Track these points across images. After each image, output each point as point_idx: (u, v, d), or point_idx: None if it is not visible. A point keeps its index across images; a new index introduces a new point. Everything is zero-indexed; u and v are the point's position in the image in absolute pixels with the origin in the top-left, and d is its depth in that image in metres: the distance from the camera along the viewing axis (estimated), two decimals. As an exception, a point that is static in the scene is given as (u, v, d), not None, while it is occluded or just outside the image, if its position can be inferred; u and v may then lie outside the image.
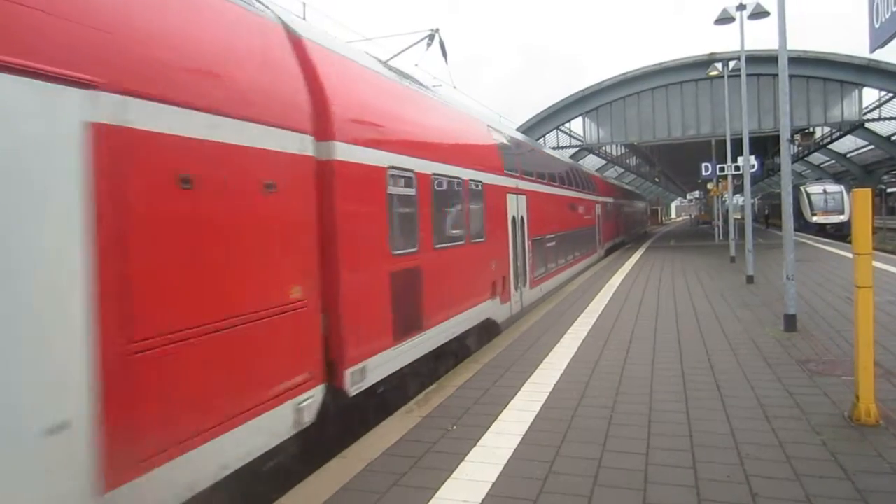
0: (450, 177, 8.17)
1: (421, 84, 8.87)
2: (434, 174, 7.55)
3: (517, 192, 11.63)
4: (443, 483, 4.31)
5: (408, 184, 6.83)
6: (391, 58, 10.58)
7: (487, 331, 9.72)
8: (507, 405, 6.02)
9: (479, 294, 9.18)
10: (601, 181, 28.18)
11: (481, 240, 9.40)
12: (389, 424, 5.64)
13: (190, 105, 3.79)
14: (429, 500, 4.07)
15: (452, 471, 4.51)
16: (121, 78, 3.28)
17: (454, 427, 5.47)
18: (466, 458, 4.72)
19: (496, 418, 5.64)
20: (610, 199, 28.18)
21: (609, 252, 26.90)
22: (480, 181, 9.46)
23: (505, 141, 11.83)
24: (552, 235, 14.86)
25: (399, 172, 6.60)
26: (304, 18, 7.47)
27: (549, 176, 15.28)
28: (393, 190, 6.42)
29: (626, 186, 45.94)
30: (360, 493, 4.23)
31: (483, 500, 4.04)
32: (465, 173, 8.81)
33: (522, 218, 11.91)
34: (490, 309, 9.66)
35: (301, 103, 5.03)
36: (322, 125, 5.25)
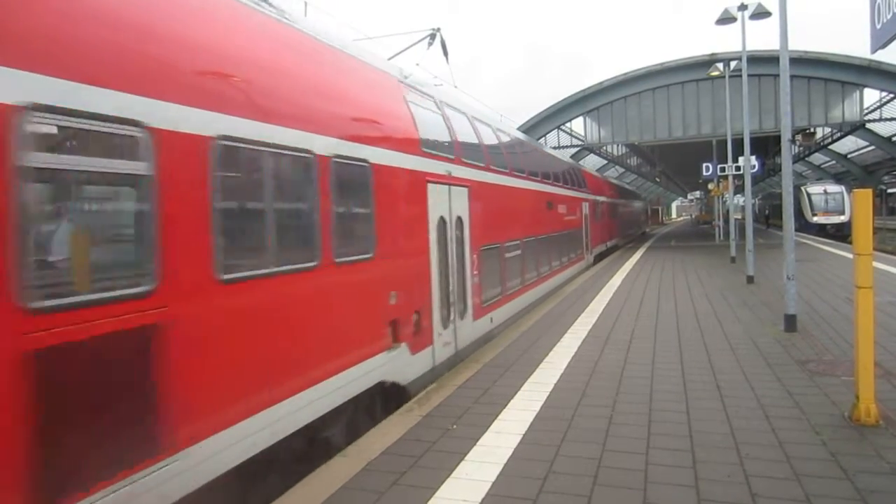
0: (275, 147, 4.65)
1: None
2: (223, 138, 4.11)
3: (450, 181, 8.23)
4: (443, 482, 4.31)
5: (126, 151, 3.48)
6: (393, 56, 10.57)
7: (385, 400, 6.49)
8: (507, 405, 6.03)
9: (355, 348, 5.75)
10: (591, 176, 25.32)
11: (364, 257, 5.94)
12: (390, 423, 5.65)
13: None
14: (429, 500, 4.08)
15: (452, 470, 4.51)
16: None
17: (454, 426, 5.47)
18: (466, 458, 4.73)
19: (496, 418, 5.64)
20: (601, 198, 25.43)
21: (600, 258, 24.35)
22: (364, 161, 6.01)
23: (430, 108, 8.29)
24: (515, 242, 11.53)
25: (83, 124, 3.19)
26: (305, 16, 7.45)
27: (512, 165, 11.88)
28: (53, 161, 3.12)
29: (622, 184, 43.05)
30: (360, 491, 4.24)
31: (483, 499, 4.04)
32: (323, 144, 5.27)
33: (460, 219, 8.62)
34: (386, 366, 6.26)
35: None
36: None
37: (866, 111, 30.71)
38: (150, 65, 3.68)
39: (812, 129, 34.37)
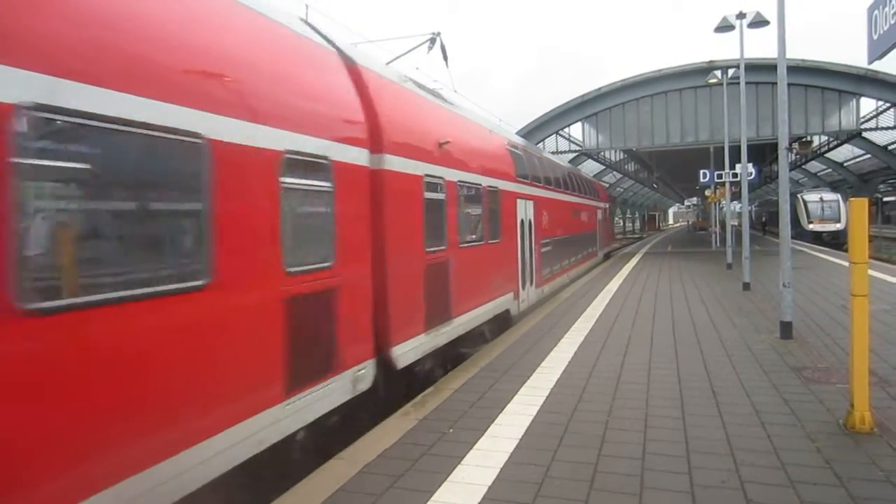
0: None
1: None
2: None
3: None
4: (439, 486, 4.32)
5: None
6: (392, 60, 10.60)
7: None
8: (503, 409, 6.04)
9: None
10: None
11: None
12: (386, 426, 5.66)
13: None
14: (425, 503, 4.09)
15: (449, 474, 4.52)
16: None
17: (451, 430, 5.48)
18: (463, 462, 4.74)
19: (493, 422, 5.65)
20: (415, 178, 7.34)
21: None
22: None
23: None
24: None
25: None
26: (306, 19, 7.47)
27: None
28: None
29: (545, 155, 19.00)
30: (357, 494, 4.24)
31: (479, 503, 4.05)
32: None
33: None
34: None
35: None
36: None
37: (863, 120, 30.88)
38: None
39: (809, 138, 34.56)
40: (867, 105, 30.39)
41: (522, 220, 12.57)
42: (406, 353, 6.96)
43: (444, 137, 8.40)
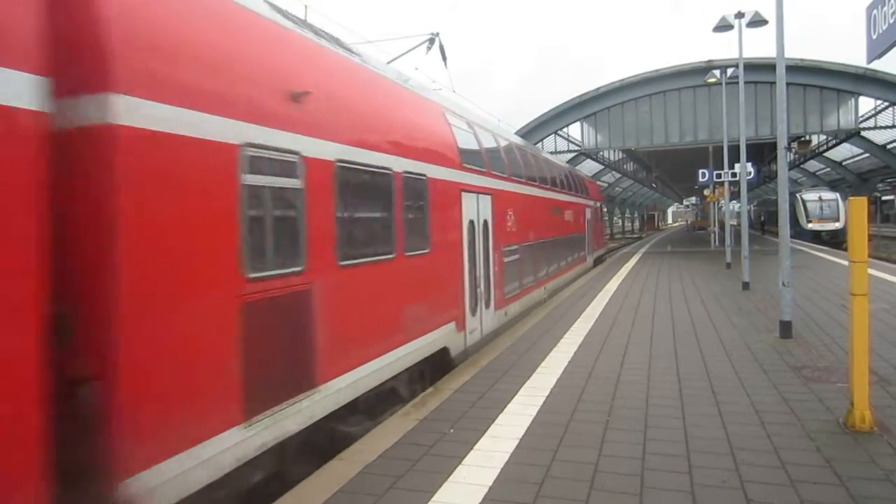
0: None
1: None
2: None
3: None
4: (440, 486, 4.33)
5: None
6: (391, 60, 10.60)
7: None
8: (503, 409, 6.04)
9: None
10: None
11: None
12: (387, 427, 5.66)
13: None
14: (426, 503, 4.09)
15: (449, 474, 4.52)
16: None
17: (451, 430, 5.49)
18: (463, 462, 4.74)
19: (493, 422, 5.65)
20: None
21: None
22: None
23: None
24: None
25: None
26: (305, 19, 7.47)
27: None
28: None
29: (513, 138, 14.87)
30: (357, 495, 4.24)
31: (480, 503, 4.06)
32: None
33: None
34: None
35: None
36: None
37: (861, 119, 30.91)
38: None
39: (808, 137, 34.59)
40: (866, 104, 30.45)
41: (472, 222, 9.40)
42: (177, 478, 3.66)
43: (305, 87, 5.10)
